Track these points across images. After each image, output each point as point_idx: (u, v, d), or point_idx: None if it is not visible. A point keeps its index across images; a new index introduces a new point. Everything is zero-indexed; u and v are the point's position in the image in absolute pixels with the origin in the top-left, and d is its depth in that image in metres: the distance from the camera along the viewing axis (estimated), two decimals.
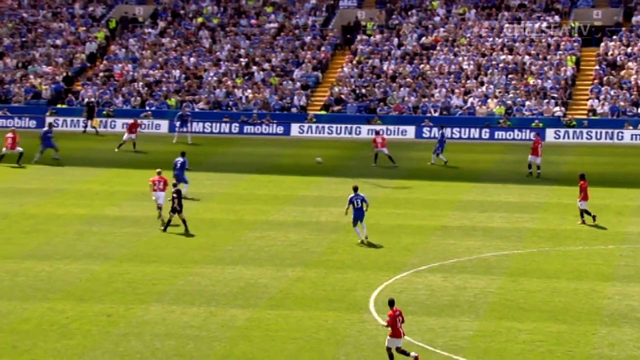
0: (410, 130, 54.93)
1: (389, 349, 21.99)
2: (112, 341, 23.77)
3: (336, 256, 31.31)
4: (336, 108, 57.68)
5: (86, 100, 57.20)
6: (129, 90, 59.30)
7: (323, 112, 57.46)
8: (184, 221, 33.69)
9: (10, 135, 45.50)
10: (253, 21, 65.03)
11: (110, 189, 40.70)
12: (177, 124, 53.14)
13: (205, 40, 63.58)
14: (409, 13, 64.74)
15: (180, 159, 38.95)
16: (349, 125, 55.34)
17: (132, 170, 44.69)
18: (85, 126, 55.31)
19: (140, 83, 59.78)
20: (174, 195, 33.58)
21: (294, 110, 57.74)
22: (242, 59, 61.54)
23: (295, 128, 55.98)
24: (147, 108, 57.65)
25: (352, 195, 32.89)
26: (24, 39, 63.80)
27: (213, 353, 23.12)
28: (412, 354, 22.05)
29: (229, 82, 59.57)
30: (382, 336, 24.00)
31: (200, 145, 52.49)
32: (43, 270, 29.32)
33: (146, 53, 62.52)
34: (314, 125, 55.94)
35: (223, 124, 55.85)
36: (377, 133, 47.62)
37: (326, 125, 55.87)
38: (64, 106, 58.37)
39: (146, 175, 43.37)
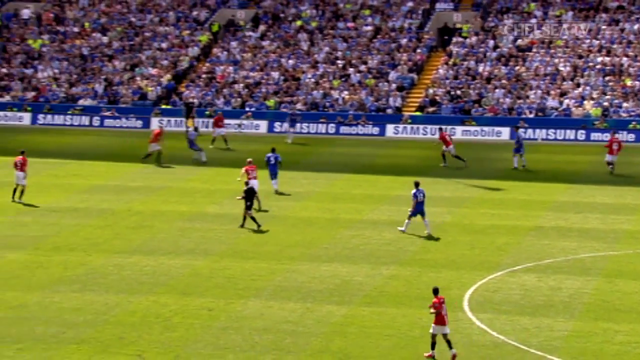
0: (505, 132, 54.30)
1: (433, 336, 22.30)
2: (212, 334, 24.12)
3: (430, 255, 31.17)
4: (431, 109, 57.39)
5: (185, 100, 58.18)
6: (230, 91, 60.04)
7: (418, 113, 57.24)
8: (252, 218, 34.13)
9: (157, 130, 46.40)
10: (350, 24, 65.15)
11: (211, 187, 41.26)
12: (287, 124, 53.72)
13: (304, 42, 63.97)
14: (505, 15, 64.02)
15: (273, 155, 39.73)
16: (443, 126, 54.96)
17: (233, 169, 45.18)
18: (186, 125, 56.17)
19: (241, 84, 60.46)
20: (244, 194, 34.09)
21: (389, 111, 57.65)
22: (339, 61, 61.72)
23: (390, 129, 55.88)
24: (247, 109, 58.28)
25: (415, 190, 33.17)
26: (131, 43, 65.14)
27: (309, 348, 23.26)
28: (453, 350, 22.09)
29: (326, 84, 59.80)
30: (476, 335, 23.84)
31: (297, 145, 52.83)
32: (148, 264, 29.91)
33: (247, 55, 63.22)
34: (409, 126, 55.77)
35: (320, 125, 56.08)
36: (441, 130, 47.40)
37: (421, 126, 55.63)
38: (168, 107, 59.39)
39: None
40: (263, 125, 56.76)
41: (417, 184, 33.57)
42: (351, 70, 60.79)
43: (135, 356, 22.77)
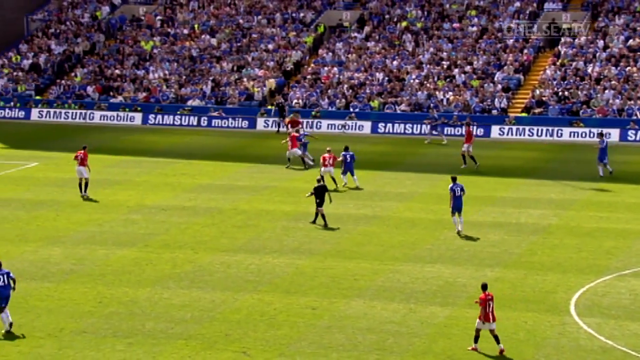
0: (615, 133, 53.07)
1: (477, 330, 22.83)
2: (316, 333, 24.26)
3: (535, 258, 30.70)
4: (537, 110, 56.50)
5: (275, 101, 58.63)
6: (334, 92, 60.26)
7: (524, 115, 56.43)
8: (322, 216, 34.36)
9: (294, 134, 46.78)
10: (456, 24, 64.64)
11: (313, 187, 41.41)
12: (428, 127, 53.75)
13: (409, 43, 63.75)
14: (617, 16, 62.57)
15: (348, 153, 40.87)
16: (550, 128, 54.12)
17: (336, 170, 45.30)
18: (279, 125, 56.43)
19: (345, 85, 60.63)
20: (313, 191, 34.49)
21: (494, 112, 56.99)
22: (444, 62, 61.31)
23: (495, 130, 55.23)
24: (351, 110, 58.41)
25: (452, 184, 33.00)
26: (239, 44, 66.00)
27: (412, 349, 23.18)
28: (500, 346, 22.38)
29: (431, 85, 59.48)
30: (583, 339, 23.39)
31: (400, 146, 52.68)
32: (253, 263, 30.27)
33: (352, 56, 63.35)
34: (514, 128, 55.02)
35: (423, 126, 55.81)
36: (469, 125, 46.55)
37: (527, 128, 54.82)
38: (272, 107, 59.91)
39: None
40: (367, 126, 56.80)
41: (454, 179, 33.48)
42: (456, 71, 60.31)
43: (240, 353, 23.08)
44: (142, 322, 25.01)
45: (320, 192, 34.65)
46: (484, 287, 23.07)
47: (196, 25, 68.23)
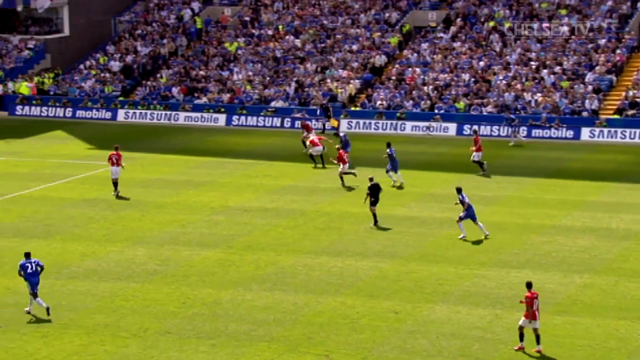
0: None
1: (520, 328, 23.16)
2: (399, 338, 24.20)
3: (628, 264, 30.10)
4: (630, 112, 55.37)
5: (320, 102, 58.95)
6: (419, 93, 60.02)
7: (616, 117, 55.36)
8: (374, 215, 34.82)
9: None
10: (545, 24, 63.78)
11: (398, 190, 41.34)
12: (507, 128, 53.38)
13: (496, 43, 63.13)
14: None
15: (391, 149, 41.57)
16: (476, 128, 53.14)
17: (420, 172, 45.18)
18: (324, 126, 56.60)
19: (430, 86, 60.33)
20: (368, 191, 34.87)
21: (584, 114, 56.05)
22: (532, 63, 60.55)
23: (585, 132, 54.30)
24: (436, 111, 58.09)
25: (460, 195, 33.35)
26: (323, 45, 66.22)
27: (499, 355, 22.96)
28: (539, 346, 22.83)
29: (518, 86, 58.79)
30: None
31: (487, 148, 52.19)
32: (335, 266, 30.34)
33: (437, 57, 63.01)
34: (605, 130, 54.03)
35: (510, 128, 55.16)
36: (476, 132, 45.90)
37: (619, 130, 53.77)
38: (357, 109, 59.99)
39: (435, 177, 43.79)
40: (452, 127, 56.41)
41: (459, 190, 33.69)
42: (545, 71, 59.50)
43: (323, 356, 23.16)
44: (225, 323, 25.28)
45: (375, 191, 34.88)
46: (529, 285, 23.47)
47: (280, 26, 68.68)
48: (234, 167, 45.94)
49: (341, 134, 47.22)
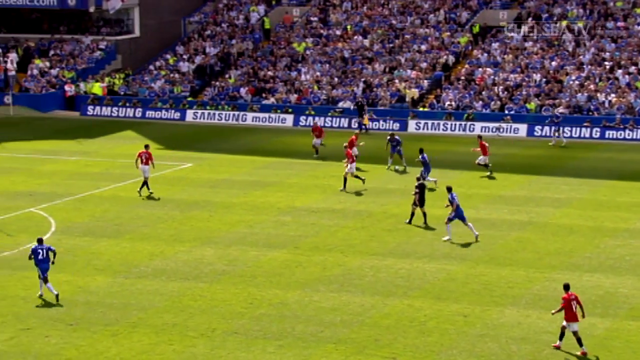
0: None
1: (563, 327, 23.13)
2: (468, 341, 24.03)
3: None
4: None
5: (357, 100, 59.12)
6: (489, 94, 59.54)
7: None
8: (412, 214, 35.12)
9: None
10: (620, 23, 62.78)
11: (467, 191, 41.07)
12: (551, 127, 52.97)
13: (569, 43, 62.35)
14: None
15: (424, 156, 41.69)
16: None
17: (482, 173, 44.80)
18: (360, 125, 56.99)
19: (500, 87, 59.81)
20: (417, 190, 35.09)
21: None
22: (606, 63, 59.66)
23: None
24: (506, 112, 57.56)
25: (450, 195, 33.51)
26: (391, 45, 66.08)
27: None
28: (583, 348, 22.65)
29: (592, 86, 57.97)
30: None
31: (558, 149, 51.57)
32: (403, 267, 30.25)
33: (508, 57, 62.44)
34: None
35: (583, 129, 54.48)
36: (480, 138, 44.99)
37: None
38: (425, 109, 59.74)
39: (505, 178, 43.38)
40: (522, 128, 55.84)
41: (449, 189, 33.80)
42: (619, 72, 58.57)
43: (390, 359, 23.10)
44: (292, 324, 25.38)
45: (422, 191, 35.28)
46: (566, 287, 23.42)
47: (349, 27, 68.72)
48: (301, 168, 46.07)
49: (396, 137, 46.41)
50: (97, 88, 64.69)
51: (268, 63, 66.64)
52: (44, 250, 27.23)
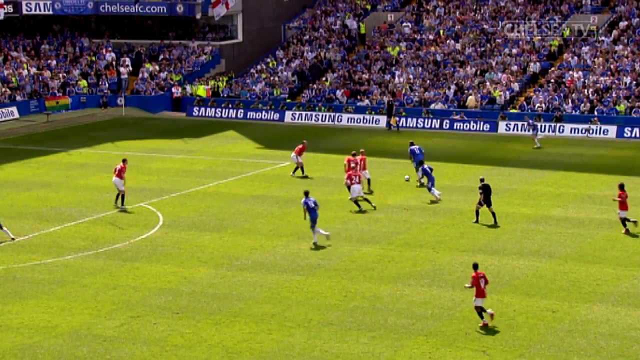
0: None
1: (477, 307, 24.22)
2: (557, 336, 23.61)
3: None
4: None
5: (387, 100, 59.25)
6: (579, 96, 58.40)
7: None
8: (493, 214, 34.55)
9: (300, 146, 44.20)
10: None
11: (556, 190, 40.39)
12: (532, 132, 52.23)
13: None
14: None
15: (417, 147, 41.85)
16: None
17: (579, 174, 43.99)
18: (389, 124, 57.08)
19: (590, 89, 58.61)
20: (481, 190, 34.55)
21: None
22: None
23: None
24: (596, 114, 56.38)
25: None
26: (482, 49, 65.39)
27: None
28: (489, 310, 24.23)
29: None
30: None
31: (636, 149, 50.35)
32: (492, 264, 29.88)
33: (598, 60, 61.13)
34: None
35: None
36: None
37: None
38: (515, 111, 58.91)
39: (594, 179, 42.52)
40: (612, 130, 54.60)
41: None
42: None
43: (480, 352, 22.85)
44: (384, 316, 25.31)
45: (487, 191, 34.64)
46: (475, 266, 24.70)
47: (441, 31, 68.24)
48: (393, 167, 45.91)
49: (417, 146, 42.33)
50: (202, 90, 65.60)
51: (363, 66, 66.61)
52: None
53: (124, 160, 38.56)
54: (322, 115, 61.14)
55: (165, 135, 56.36)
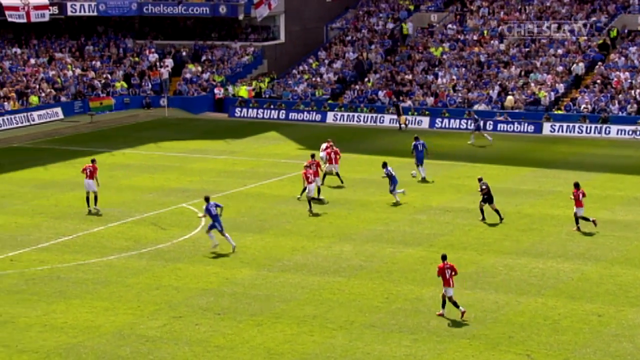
0: None
1: (443, 297, 25.23)
2: (602, 341, 23.36)
3: None
4: None
5: (393, 100, 60.02)
6: (626, 97, 57.72)
7: None
8: (496, 211, 34.94)
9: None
10: None
11: (603, 193, 39.96)
12: (473, 127, 53.31)
13: None
14: None
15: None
16: None
17: (626, 176, 43.48)
18: (399, 124, 57.63)
19: (638, 90, 57.89)
20: (483, 187, 35.05)
21: None
22: None
23: None
24: None
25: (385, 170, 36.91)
26: (527, 49, 64.90)
27: None
28: (461, 308, 24.74)
29: None
30: None
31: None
32: (537, 267, 29.64)
33: None
34: None
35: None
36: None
37: None
38: (560, 112, 58.39)
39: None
40: None
41: (384, 165, 37.99)
42: None
43: (524, 356, 22.68)
44: (426, 319, 25.22)
45: (488, 189, 35.14)
46: (443, 257, 25.56)
47: (485, 31, 67.83)
48: (436, 168, 45.72)
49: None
50: (244, 91, 65.86)
51: (406, 67, 66.43)
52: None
53: (93, 161, 38.39)
54: (364, 117, 61.09)
55: (208, 136, 56.67)
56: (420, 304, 26.47)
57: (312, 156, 40.43)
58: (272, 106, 64.13)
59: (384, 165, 39.10)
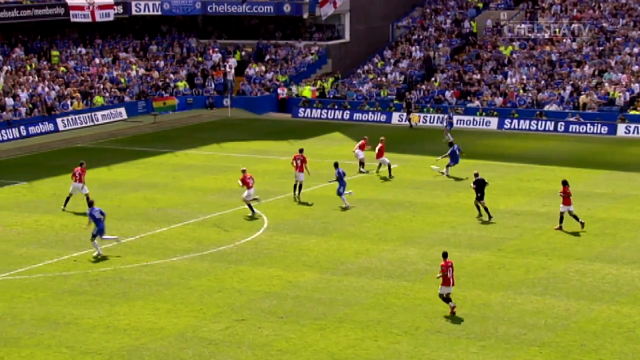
0: None
1: (441, 295, 25.62)
2: None
3: None
4: None
5: (405, 98, 60.43)
6: None
7: None
8: (485, 209, 35.44)
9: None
10: None
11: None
12: (446, 127, 53.14)
13: None
14: None
15: (339, 170, 38.88)
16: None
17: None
18: (409, 122, 58.10)
19: None
20: (475, 184, 35.38)
21: None
22: None
23: None
24: None
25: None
26: (601, 48, 63.95)
27: None
28: (451, 303, 25.38)
29: None
30: None
31: None
32: (610, 273, 29.17)
33: None
34: None
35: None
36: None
37: None
38: (635, 113, 57.41)
39: None
40: None
41: (336, 165, 38.34)
42: None
43: None
44: (494, 325, 24.98)
45: (480, 186, 35.45)
46: (445, 255, 25.84)
47: (557, 30, 67.00)
48: (505, 171, 45.30)
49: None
50: (307, 91, 66.03)
51: (474, 67, 65.94)
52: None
53: (82, 163, 38.75)
54: (430, 117, 60.79)
55: (271, 136, 56.92)
56: (488, 310, 26.23)
57: (301, 151, 40.65)
58: (336, 106, 64.18)
59: (336, 165, 39.08)
